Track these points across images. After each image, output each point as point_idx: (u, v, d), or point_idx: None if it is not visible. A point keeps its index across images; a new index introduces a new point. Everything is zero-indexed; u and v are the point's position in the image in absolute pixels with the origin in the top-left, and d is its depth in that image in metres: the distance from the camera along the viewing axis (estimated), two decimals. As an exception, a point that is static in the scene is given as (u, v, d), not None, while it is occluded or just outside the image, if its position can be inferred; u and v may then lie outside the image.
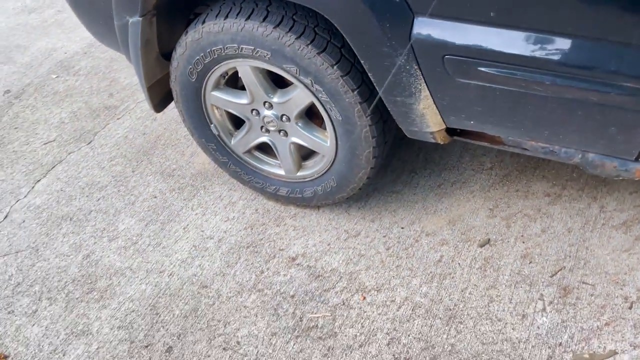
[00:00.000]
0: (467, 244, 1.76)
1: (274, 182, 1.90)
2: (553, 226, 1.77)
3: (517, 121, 1.34)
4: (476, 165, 2.02)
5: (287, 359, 1.53)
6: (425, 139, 1.54)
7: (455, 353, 1.49)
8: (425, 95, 1.37)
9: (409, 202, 1.92)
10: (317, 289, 1.69)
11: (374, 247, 1.79)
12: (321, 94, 1.51)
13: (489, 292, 1.61)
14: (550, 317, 1.53)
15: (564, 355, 1.45)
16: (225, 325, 1.63)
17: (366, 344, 1.54)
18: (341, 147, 1.64)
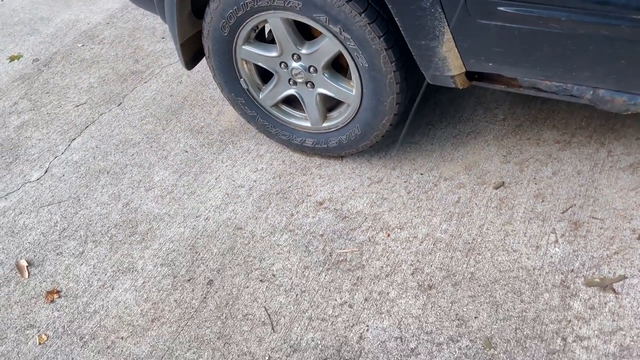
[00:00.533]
0: (482, 187, 1.88)
1: (300, 134, 2.02)
2: (563, 169, 1.88)
3: (533, 60, 1.45)
4: (489, 117, 2.13)
5: (319, 287, 1.66)
6: (446, 83, 1.65)
7: (475, 280, 1.62)
8: (447, 38, 1.48)
9: (427, 152, 2.04)
10: (344, 229, 1.82)
11: (396, 191, 1.92)
12: (349, 42, 1.62)
13: (505, 228, 1.74)
14: (563, 248, 1.66)
15: (575, 279, 1.58)
16: (261, 260, 1.76)
17: (392, 274, 1.66)
18: (366, 94, 1.75)
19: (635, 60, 1.33)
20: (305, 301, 1.63)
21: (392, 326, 1.54)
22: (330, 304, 1.62)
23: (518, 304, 1.54)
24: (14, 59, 2.93)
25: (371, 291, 1.63)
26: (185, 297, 1.69)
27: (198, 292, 1.70)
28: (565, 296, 1.54)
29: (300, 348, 1.53)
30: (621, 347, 1.42)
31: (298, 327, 1.58)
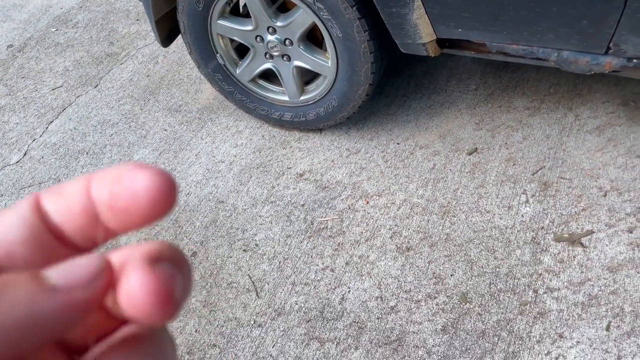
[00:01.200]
0: (456, 153, 1.94)
1: (278, 108, 2.06)
2: (533, 134, 1.95)
3: (499, 24, 1.50)
4: (462, 87, 2.19)
5: (301, 254, 1.71)
6: (418, 52, 1.69)
7: (451, 240, 1.68)
8: (417, 4, 1.53)
9: (403, 122, 2.09)
10: (324, 198, 1.87)
11: (374, 160, 1.97)
12: (322, 12, 1.66)
13: (478, 191, 1.80)
14: (533, 207, 1.73)
15: (545, 236, 1.65)
16: (244, 232, 1.80)
17: (372, 239, 1.72)
18: (341, 65, 1.79)
19: (596, 20, 1.39)
20: (288, 268, 1.68)
21: (372, 287, 1.60)
22: (313, 269, 1.67)
23: (492, 261, 1.61)
24: None
25: (352, 255, 1.68)
26: (170, 269, 1.73)
27: (183, 263, 1.73)
28: (536, 252, 1.61)
29: (284, 311, 1.58)
30: (589, 296, 1.50)
31: (282, 292, 1.63)
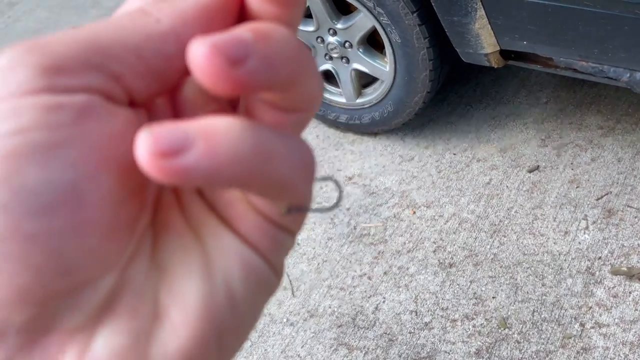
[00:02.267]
0: (516, 170, 1.85)
1: (335, 109, 2.05)
2: (603, 156, 1.82)
3: (568, 40, 1.41)
4: (532, 99, 2.08)
5: (341, 259, 1.70)
6: (480, 61, 1.63)
7: (497, 261, 1.61)
8: (480, 14, 1.46)
9: (463, 132, 2.02)
10: (370, 204, 1.84)
11: (426, 170, 1.92)
12: (382, 17, 1.63)
13: (534, 211, 1.71)
14: (592, 235, 1.61)
15: (602, 267, 1.54)
16: (287, 229, 1.82)
17: (414, 250, 1.68)
18: (399, 71, 1.76)
19: (675, 41, 1.27)
20: (326, 270, 1.68)
21: (408, 300, 1.56)
22: (350, 274, 1.65)
23: (539, 288, 1.52)
24: (77, 30, 3.10)
25: (391, 265, 1.65)
26: (213, 259, 1.78)
27: (225, 255, 1.78)
28: (588, 283, 1.50)
29: (317, 313, 1.58)
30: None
31: (317, 294, 1.63)
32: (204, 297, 0.19)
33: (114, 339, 0.18)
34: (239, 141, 0.17)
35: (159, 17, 0.19)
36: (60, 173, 0.17)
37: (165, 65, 0.19)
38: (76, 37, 0.18)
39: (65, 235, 0.17)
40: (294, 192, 0.19)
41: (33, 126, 0.17)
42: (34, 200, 0.17)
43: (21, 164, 0.17)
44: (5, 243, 0.16)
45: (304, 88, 0.20)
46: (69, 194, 0.17)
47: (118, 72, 0.18)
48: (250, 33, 0.18)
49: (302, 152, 0.20)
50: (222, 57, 0.17)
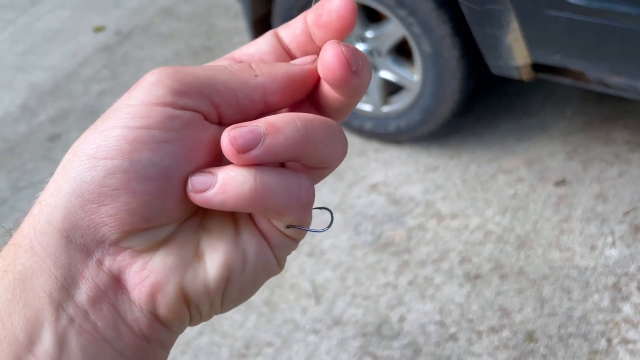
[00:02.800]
0: (542, 183, 1.84)
1: (360, 116, 2.05)
2: (630, 171, 1.81)
3: (602, 55, 1.41)
4: (558, 112, 2.08)
5: (365, 267, 1.70)
6: (510, 74, 1.62)
7: (523, 274, 1.60)
8: (513, 27, 1.46)
9: (488, 143, 2.02)
10: (394, 213, 1.84)
11: (451, 180, 1.91)
12: (414, 26, 1.63)
13: (561, 225, 1.70)
14: (619, 250, 1.61)
15: (629, 283, 1.53)
16: (311, 236, 1.82)
17: (439, 261, 1.68)
18: (428, 81, 1.76)
19: None
20: (351, 278, 1.68)
21: (433, 310, 1.56)
22: (375, 283, 1.65)
23: (565, 302, 1.52)
24: (99, 30, 3.13)
25: (416, 275, 1.65)
26: (237, 264, 1.78)
27: (249, 260, 1.78)
28: (615, 299, 1.50)
29: (341, 322, 1.58)
30: (671, 356, 1.37)
31: (341, 302, 1.63)
32: (227, 254, 0.29)
33: (166, 259, 0.28)
34: (242, 184, 0.27)
35: (257, 73, 0.30)
36: (162, 159, 0.27)
37: (250, 105, 0.30)
38: (200, 73, 0.29)
39: (154, 196, 0.27)
40: (288, 216, 0.29)
41: (154, 126, 0.27)
42: (142, 171, 0.27)
43: (141, 147, 0.27)
44: (120, 192, 0.26)
45: (311, 160, 0.30)
46: (162, 173, 0.27)
47: (217, 102, 0.29)
48: (264, 126, 0.28)
49: (300, 188, 0.29)
50: (233, 147, 0.27)
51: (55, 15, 3.35)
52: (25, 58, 3.05)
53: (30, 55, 3.06)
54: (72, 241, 0.27)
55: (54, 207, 0.27)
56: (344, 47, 0.29)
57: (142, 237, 0.27)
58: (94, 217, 0.26)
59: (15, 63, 3.01)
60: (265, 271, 0.31)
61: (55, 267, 0.26)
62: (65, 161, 0.28)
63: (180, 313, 0.28)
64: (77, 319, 0.26)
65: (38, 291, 0.26)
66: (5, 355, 0.25)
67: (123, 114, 0.27)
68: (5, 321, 0.25)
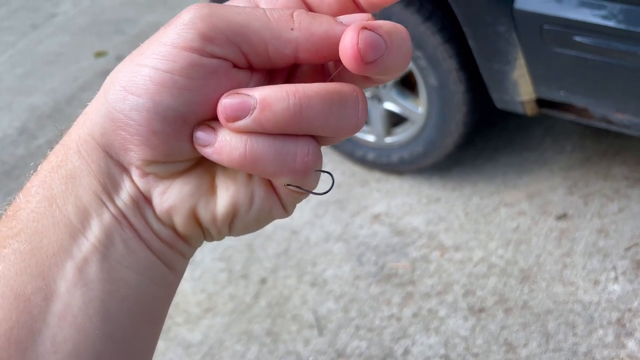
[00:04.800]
0: (544, 216, 1.85)
1: (363, 147, 2.06)
2: (630, 206, 1.83)
3: (606, 92, 1.44)
4: (557, 147, 2.10)
5: (368, 298, 1.68)
6: (515, 109, 1.65)
7: (528, 308, 1.60)
8: (520, 63, 1.49)
9: (490, 176, 2.03)
10: (398, 244, 1.84)
11: (454, 212, 1.92)
12: (420, 60, 1.66)
13: (563, 259, 1.71)
14: (622, 286, 1.61)
15: (632, 319, 1.53)
16: (314, 265, 1.81)
17: (443, 293, 1.67)
18: (433, 113, 1.78)
19: None
20: (354, 310, 1.66)
21: (438, 344, 1.54)
22: (378, 315, 1.64)
23: (570, 337, 1.51)
24: (100, 55, 3.14)
25: (420, 307, 1.64)
26: (238, 292, 1.76)
27: (251, 289, 1.76)
28: (620, 334, 1.49)
29: (345, 354, 1.56)
30: (678, 394, 1.37)
31: (344, 334, 1.61)
32: (236, 194, 0.31)
33: (183, 187, 0.31)
34: (233, 149, 0.29)
35: (294, 27, 0.29)
36: (181, 105, 0.29)
37: (279, 57, 0.30)
38: (235, 18, 0.29)
39: (172, 137, 0.29)
40: (282, 180, 0.30)
41: (178, 72, 0.28)
42: (163, 113, 0.29)
43: (163, 91, 0.28)
44: (142, 128, 0.29)
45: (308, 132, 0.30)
46: (180, 117, 0.29)
47: (246, 51, 0.29)
48: (257, 99, 0.28)
49: (295, 156, 0.29)
50: (222, 115, 0.29)
51: (56, 40, 3.36)
52: (25, 81, 3.05)
53: (29, 78, 3.06)
54: (110, 156, 0.30)
55: (94, 123, 0.30)
56: (364, 35, 0.28)
57: (163, 167, 0.30)
58: (124, 142, 0.29)
59: (15, 86, 3.01)
60: (270, 214, 0.33)
61: (99, 172, 0.30)
62: (106, 85, 0.30)
63: (194, 232, 0.32)
64: (118, 217, 0.30)
65: (86, 188, 0.30)
66: (63, 234, 0.29)
67: (154, 53, 0.28)
68: (62, 207, 0.29)
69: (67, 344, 0.28)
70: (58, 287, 0.28)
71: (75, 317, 0.28)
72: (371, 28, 0.28)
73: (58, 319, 0.28)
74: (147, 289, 0.31)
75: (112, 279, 0.29)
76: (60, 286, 0.28)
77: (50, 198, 0.29)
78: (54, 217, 0.29)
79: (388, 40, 0.28)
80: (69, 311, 0.28)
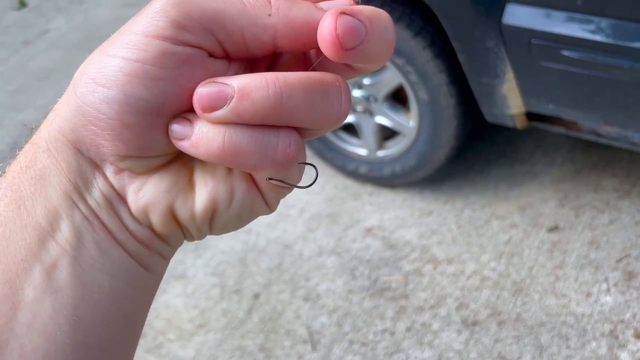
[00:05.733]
0: (535, 228, 1.86)
1: (355, 160, 2.07)
2: (621, 218, 1.85)
3: (594, 105, 1.46)
4: (548, 160, 2.12)
5: (362, 312, 1.68)
6: (505, 122, 1.66)
7: (521, 321, 1.60)
8: (509, 77, 1.51)
9: (481, 189, 2.04)
10: (390, 257, 1.84)
11: (446, 225, 1.92)
12: (411, 74, 1.68)
13: (555, 272, 1.71)
14: (614, 297, 1.62)
15: (625, 330, 1.53)
16: (307, 280, 1.80)
17: (436, 307, 1.67)
18: (424, 127, 1.79)
19: (702, 112, 1.31)
20: (348, 324, 1.66)
21: (432, 358, 1.54)
22: (372, 329, 1.63)
23: (564, 350, 1.51)
24: (93, 71, 3.14)
25: (414, 321, 1.64)
26: (231, 308, 1.75)
27: (244, 304, 1.75)
28: (613, 346, 1.50)
29: (338, 369, 1.55)
30: (671, 406, 1.37)
31: (338, 349, 1.60)
32: (215, 190, 0.30)
33: (159, 183, 0.30)
34: (210, 142, 0.27)
35: (272, 12, 0.28)
36: (155, 96, 0.27)
37: (257, 45, 0.28)
38: (209, 4, 0.27)
39: (146, 130, 0.28)
40: (263, 173, 0.29)
41: (150, 61, 0.27)
42: (135, 105, 0.27)
43: (134, 82, 0.27)
44: (114, 122, 0.27)
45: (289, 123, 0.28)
46: (154, 109, 0.27)
47: (222, 39, 0.28)
48: (235, 88, 0.27)
49: (277, 148, 0.28)
50: (198, 105, 0.27)
51: (49, 56, 3.37)
52: (17, 97, 3.05)
53: (21, 94, 3.06)
54: (81, 152, 0.29)
55: (64, 119, 0.29)
56: (343, 20, 0.26)
57: (138, 162, 0.29)
58: (95, 137, 0.28)
59: (7, 102, 3.01)
60: (251, 210, 0.31)
61: (69, 171, 0.29)
62: (76, 78, 0.29)
63: (172, 231, 0.31)
64: (90, 218, 0.29)
65: (56, 188, 0.28)
66: (31, 238, 0.27)
67: (124, 42, 0.27)
68: (30, 210, 0.28)
69: (36, 355, 0.26)
70: (26, 294, 0.27)
71: (45, 326, 0.27)
72: (350, 13, 0.27)
73: (27, 328, 0.26)
74: (123, 293, 0.29)
75: (83, 284, 0.28)
76: (28, 294, 0.27)
77: (19, 200, 0.28)
78: (22, 220, 0.28)
79: (369, 25, 0.27)
80: (38, 320, 0.27)
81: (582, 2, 1.30)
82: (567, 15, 1.33)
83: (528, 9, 1.37)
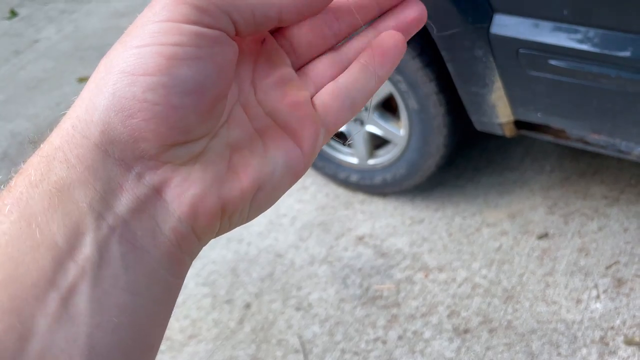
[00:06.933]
0: (525, 236, 1.87)
1: (346, 169, 2.08)
2: (610, 225, 1.86)
3: (582, 114, 1.47)
4: (537, 167, 2.14)
5: (354, 321, 1.68)
6: (494, 130, 1.68)
7: (512, 328, 1.60)
8: (498, 86, 1.52)
9: (471, 196, 2.05)
10: (382, 265, 1.84)
11: (437, 233, 1.93)
12: (401, 84, 1.69)
13: (546, 279, 1.72)
14: (604, 304, 1.63)
15: (615, 337, 1.54)
16: (298, 289, 1.80)
17: (428, 315, 1.67)
18: (414, 136, 1.80)
19: (687, 120, 1.33)
20: (339, 333, 1.66)
21: (424, 366, 1.54)
22: (364, 338, 1.63)
23: (555, 357, 1.52)
24: (83, 80, 3.14)
25: (405, 329, 1.64)
26: (222, 318, 1.74)
27: (235, 314, 1.75)
28: (603, 353, 1.51)
29: (330, 379, 1.55)
30: (662, 412, 1.37)
31: (330, 358, 1.60)
32: (257, 168, 0.31)
33: (205, 172, 0.29)
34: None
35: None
36: (198, 74, 0.28)
37: (264, 21, 0.30)
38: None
39: (191, 110, 0.28)
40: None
41: (187, 43, 0.27)
42: (181, 86, 0.27)
43: (178, 64, 0.27)
44: (160, 107, 0.27)
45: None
46: (199, 88, 0.28)
47: (235, 19, 0.29)
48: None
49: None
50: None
51: (39, 65, 3.36)
52: (7, 107, 3.03)
53: (11, 104, 3.05)
54: (110, 155, 0.27)
55: (90, 122, 0.27)
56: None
57: (180, 151, 0.28)
58: (134, 132, 0.27)
59: (-4, 111, 2.99)
60: (293, 174, 0.33)
61: (94, 179, 0.27)
62: (98, 79, 0.28)
63: (214, 223, 0.30)
64: (118, 228, 0.26)
65: (77, 201, 0.26)
66: (44, 259, 0.25)
67: (153, 32, 0.27)
68: (43, 227, 0.25)
69: None
70: (36, 324, 0.24)
71: (56, 359, 0.24)
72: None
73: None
74: (145, 311, 0.27)
75: (102, 309, 0.25)
76: (39, 323, 0.24)
77: (29, 217, 0.25)
78: (34, 239, 0.25)
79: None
80: (48, 352, 0.24)
81: (569, 12, 1.31)
82: (555, 25, 1.35)
83: (516, 19, 1.39)
